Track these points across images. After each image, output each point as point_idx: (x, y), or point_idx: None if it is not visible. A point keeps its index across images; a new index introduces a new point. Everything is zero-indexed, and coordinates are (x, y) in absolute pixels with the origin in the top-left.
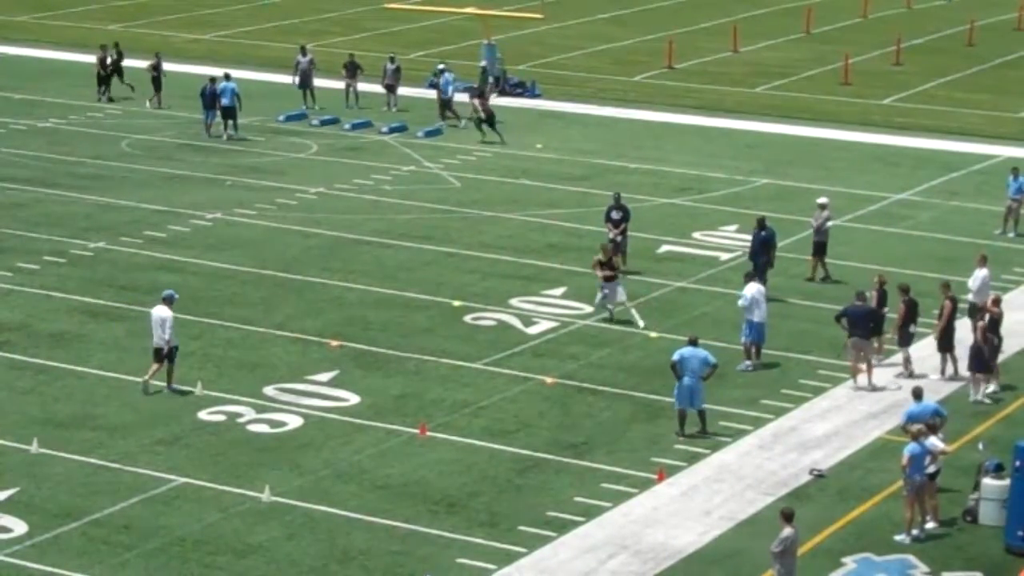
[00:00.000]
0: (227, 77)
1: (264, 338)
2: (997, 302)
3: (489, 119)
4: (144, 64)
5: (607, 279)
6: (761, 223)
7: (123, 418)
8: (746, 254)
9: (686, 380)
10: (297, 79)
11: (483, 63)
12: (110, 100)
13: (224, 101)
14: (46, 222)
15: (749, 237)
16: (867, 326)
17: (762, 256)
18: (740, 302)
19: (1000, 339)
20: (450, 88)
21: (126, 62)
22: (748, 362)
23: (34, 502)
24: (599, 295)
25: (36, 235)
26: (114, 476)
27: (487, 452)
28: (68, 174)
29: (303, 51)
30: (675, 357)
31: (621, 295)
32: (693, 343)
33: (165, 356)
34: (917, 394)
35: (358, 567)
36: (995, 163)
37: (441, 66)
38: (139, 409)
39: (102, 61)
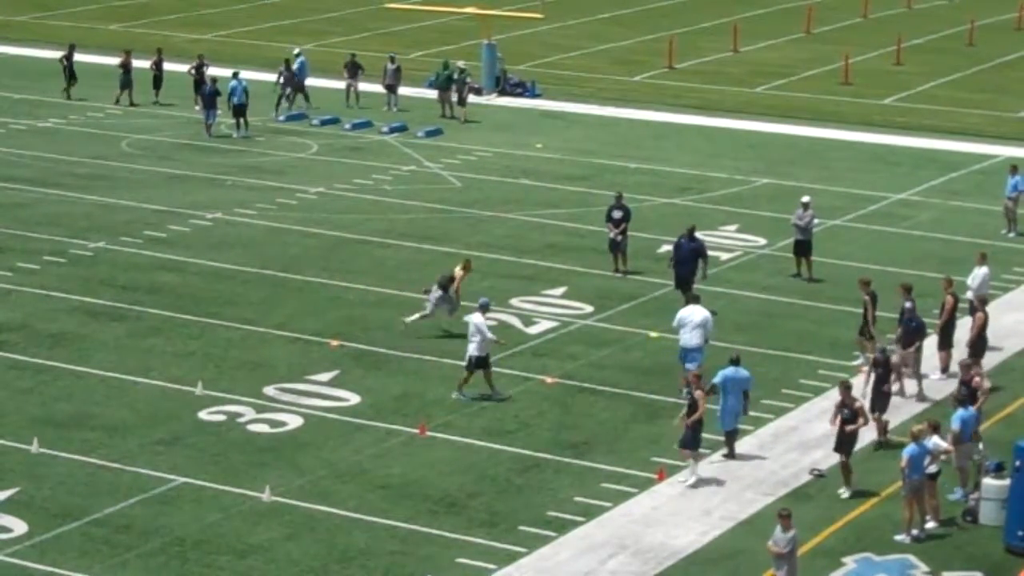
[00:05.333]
0: (236, 76)
1: (264, 338)
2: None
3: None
4: (146, 63)
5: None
6: (691, 232)
7: (123, 418)
8: (745, 254)
9: (731, 401)
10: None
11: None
12: (158, 104)
13: (235, 100)
14: (46, 222)
15: (749, 238)
16: (911, 333)
17: (688, 267)
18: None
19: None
20: (303, 72)
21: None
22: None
23: (34, 502)
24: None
25: (36, 235)
26: (114, 476)
27: (487, 452)
28: (68, 174)
29: (392, 59)
30: (718, 380)
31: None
32: (736, 362)
33: (476, 364)
34: (963, 399)
35: (358, 567)
36: (995, 163)
37: (297, 50)
38: (139, 409)
39: (157, 64)
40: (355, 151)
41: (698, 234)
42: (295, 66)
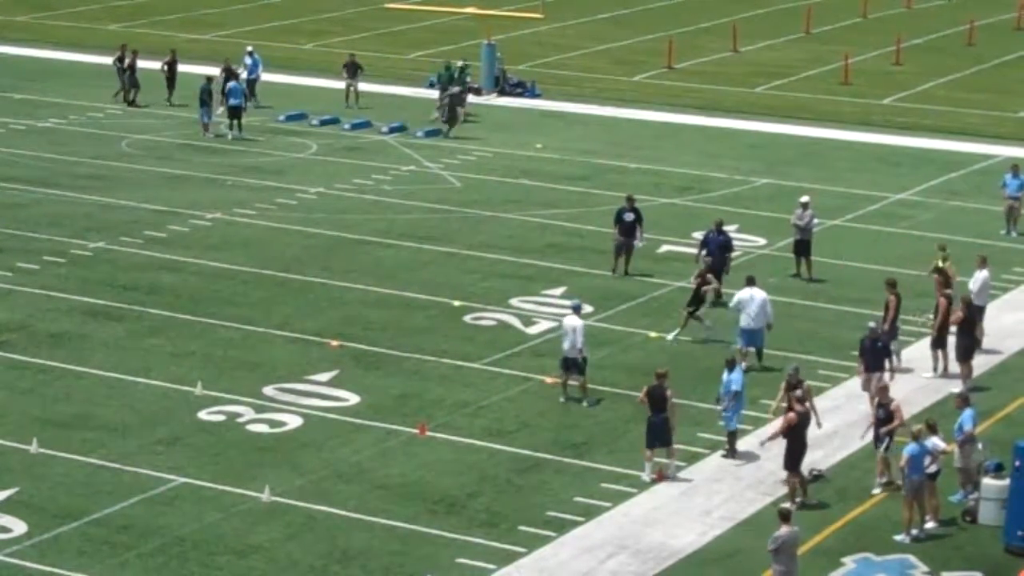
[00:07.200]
0: (236, 77)
1: (264, 338)
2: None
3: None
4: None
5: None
6: (719, 226)
7: (123, 418)
8: (745, 254)
9: (742, 401)
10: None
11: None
12: (170, 104)
13: (232, 101)
14: (46, 222)
15: (749, 238)
16: (878, 355)
17: (718, 259)
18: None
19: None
20: (256, 70)
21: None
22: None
23: (34, 502)
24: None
25: (36, 235)
26: (114, 476)
27: (487, 452)
28: (68, 174)
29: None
30: (739, 387)
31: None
32: (734, 364)
33: (574, 366)
34: (968, 400)
35: (358, 567)
36: (995, 163)
37: (249, 48)
38: (139, 409)
39: (170, 64)
40: (355, 151)
41: (699, 234)
42: (248, 62)
